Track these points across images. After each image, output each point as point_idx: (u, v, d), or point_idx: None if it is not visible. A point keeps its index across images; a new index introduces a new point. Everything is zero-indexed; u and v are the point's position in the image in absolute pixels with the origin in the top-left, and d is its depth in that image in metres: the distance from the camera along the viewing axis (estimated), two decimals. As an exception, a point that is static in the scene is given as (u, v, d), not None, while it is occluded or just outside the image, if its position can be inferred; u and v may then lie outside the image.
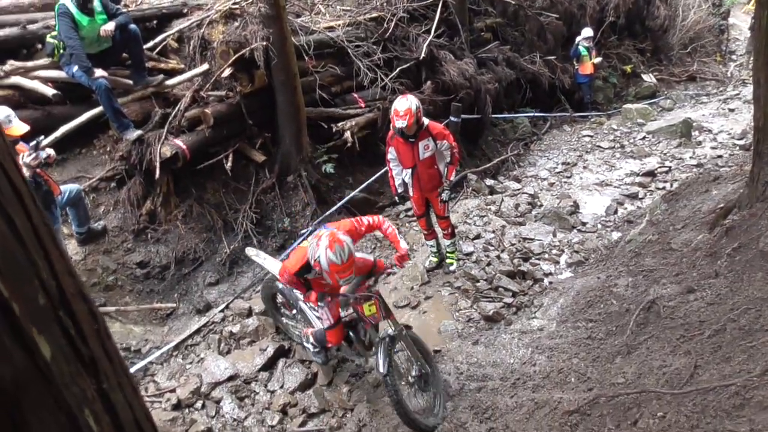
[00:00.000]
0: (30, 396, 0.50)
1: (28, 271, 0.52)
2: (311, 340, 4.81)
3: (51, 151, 5.31)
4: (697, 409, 3.07)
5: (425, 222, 6.34)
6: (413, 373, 4.37)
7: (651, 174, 9.16)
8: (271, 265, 5.12)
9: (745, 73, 16.19)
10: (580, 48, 12.95)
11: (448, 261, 6.44)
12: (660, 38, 16.71)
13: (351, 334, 4.62)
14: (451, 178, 5.97)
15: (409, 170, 5.89)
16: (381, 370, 4.06)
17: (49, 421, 0.51)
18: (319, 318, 4.60)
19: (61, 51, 6.30)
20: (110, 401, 0.59)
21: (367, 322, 4.30)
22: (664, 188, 8.46)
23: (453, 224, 6.41)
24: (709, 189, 6.60)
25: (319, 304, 4.28)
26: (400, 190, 6.12)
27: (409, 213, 7.57)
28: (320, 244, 3.81)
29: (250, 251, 5.56)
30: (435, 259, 6.52)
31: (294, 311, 5.18)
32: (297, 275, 4.12)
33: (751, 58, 8.89)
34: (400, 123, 5.43)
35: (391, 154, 5.95)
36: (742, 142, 10.13)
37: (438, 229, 6.44)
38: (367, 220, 4.52)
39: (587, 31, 12.99)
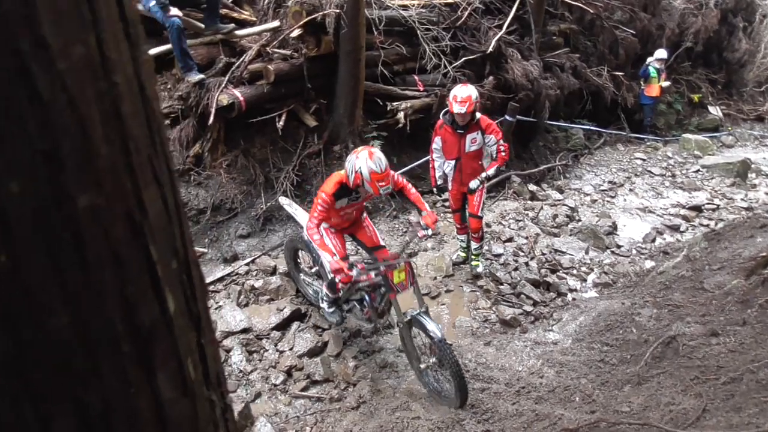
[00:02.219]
0: (158, 342, 0.60)
1: (169, 241, 0.62)
2: (325, 291, 4.91)
3: None
4: (696, 453, 3.07)
5: (459, 217, 6.30)
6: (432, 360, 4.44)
7: (697, 209, 8.95)
8: (302, 217, 5.15)
9: (817, 123, 15.59)
10: (650, 69, 12.62)
11: (474, 263, 6.32)
12: (735, 72, 16.15)
13: (367, 298, 4.67)
14: (489, 172, 5.85)
15: (453, 162, 5.84)
16: (438, 334, 4.14)
17: (167, 365, 0.62)
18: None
19: (142, -16, 6.42)
20: (204, 354, 0.69)
21: (395, 290, 4.26)
22: (707, 225, 8.28)
23: (484, 227, 6.28)
24: (755, 235, 6.44)
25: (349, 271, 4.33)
26: (439, 182, 6.08)
27: (446, 204, 7.57)
28: (360, 156, 4.18)
29: (284, 200, 5.64)
30: (463, 254, 6.50)
31: (315, 267, 5.23)
32: (334, 195, 4.35)
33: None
34: (458, 108, 5.38)
35: (437, 143, 5.89)
36: (798, 193, 9.83)
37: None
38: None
39: (661, 53, 12.64)
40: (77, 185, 0.50)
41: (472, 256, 6.35)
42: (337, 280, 4.68)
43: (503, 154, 5.79)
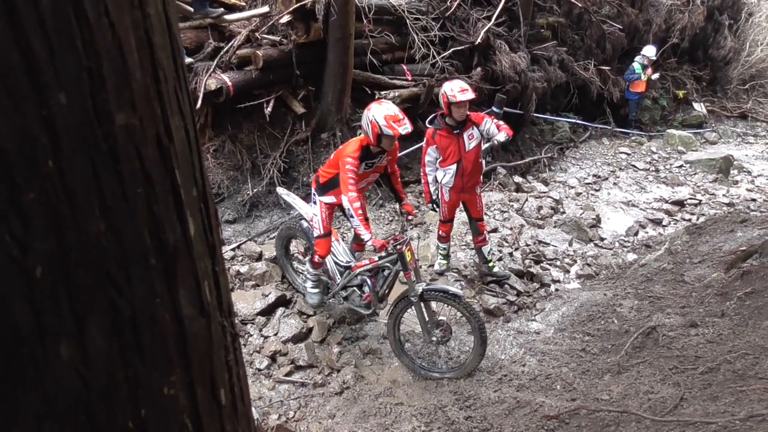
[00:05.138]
0: (180, 261, 0.66)
1: (190, 169, 0.67)
2: (308, 269, 5.07)
3: None
4: (673, 438, 3.13)
5: (450, 227, 6.07)
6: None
7: (680, 203, 9.08)
8: (302, 207, 5.16)
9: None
10: (636, 65, 12.66)
11: (490, 264, 6.10)
12: (720, 69, 16.27)
13: (369, 282, 4.70)
14: (500, 137, 5.44)
15: (454, 167, 5.52)
16: (459, 292, 4.45)
17: (187, 283, 0.67)
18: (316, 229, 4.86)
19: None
20: (218, 281, 0.75)
21: (409, 270, 4.37)
22: (689, 220, 8.39)
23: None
24: (735, 230, 6.54)
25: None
26: (434, 197, 5.81)
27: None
28: (371, 108, 4.38)
29: (282, 190, 5.62)
30: (444, 262, 6.28)
31: (308, 256, 5.20)
32: (359, 159, 4.44)
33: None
34: (463, 96, 5.14)
35: (429, 155, 5.61)
36: (779, 190, 9.98)
37: (455, 237, 6.28)
38: None
39: (649, 50, 12.66)
40: (116, 103, 0.55)
41: (489, 259, 6.10)
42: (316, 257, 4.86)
43: (503, 126, 5.52)
